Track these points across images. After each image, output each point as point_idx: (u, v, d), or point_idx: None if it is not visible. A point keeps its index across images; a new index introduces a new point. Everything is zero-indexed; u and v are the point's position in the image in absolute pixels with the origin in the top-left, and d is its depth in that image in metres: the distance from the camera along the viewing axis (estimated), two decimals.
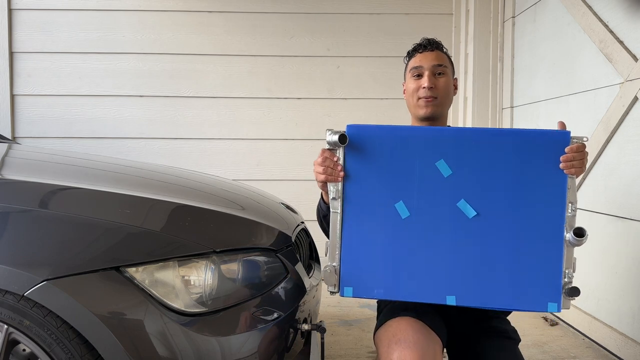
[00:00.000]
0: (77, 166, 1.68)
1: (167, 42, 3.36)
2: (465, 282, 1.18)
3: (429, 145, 1.20)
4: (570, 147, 1.16)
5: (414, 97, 1.46)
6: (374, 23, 3.44)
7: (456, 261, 1.18)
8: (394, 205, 1.20)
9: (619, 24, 2.14)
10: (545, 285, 1.16)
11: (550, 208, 1.17)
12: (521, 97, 3.04)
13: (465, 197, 1.19)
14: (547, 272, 1.16)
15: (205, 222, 1.29)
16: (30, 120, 3.33)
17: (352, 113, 3.44)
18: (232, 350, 1.13)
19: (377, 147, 1.20)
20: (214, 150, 3.42)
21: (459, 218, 1.19)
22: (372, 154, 1.21)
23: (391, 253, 1.20)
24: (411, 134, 1.22)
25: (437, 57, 1.46)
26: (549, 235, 1.17)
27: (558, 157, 1.16)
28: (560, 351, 2.20)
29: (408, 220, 1.20)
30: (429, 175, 1.20)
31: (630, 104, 2.04)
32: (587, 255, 2.35)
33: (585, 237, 1.13)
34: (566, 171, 1.16)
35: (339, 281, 1.20)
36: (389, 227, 1.20)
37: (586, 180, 2.35)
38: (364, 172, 1.21)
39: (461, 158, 1.19)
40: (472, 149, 1.19)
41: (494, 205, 1.18)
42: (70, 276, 1.07)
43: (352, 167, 1.21)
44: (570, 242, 1.15)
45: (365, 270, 1.20)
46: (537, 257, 1.17)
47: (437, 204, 1.19)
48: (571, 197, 1.17)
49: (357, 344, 2.28)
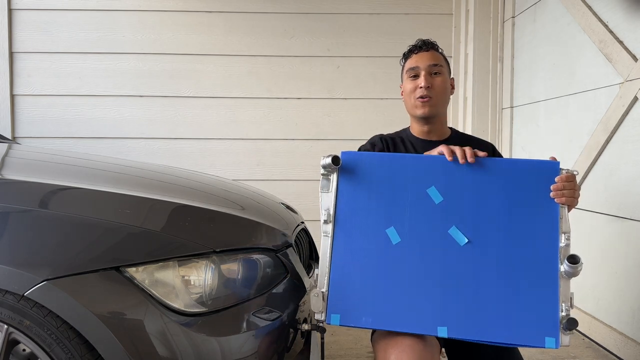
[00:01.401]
0: (77, 166, 1.68)
1: (167, 42, 3.36)
2: (457, 313, 1.14)
3: (420, 173, 1.21)
4: (560, 177, 1.18)
5: (411, 98, 1.48)
6: (374, 23, 3.44)
7: (447, 290, 1.15)
8: (385, 231, 1.19)
9: (619, 24, 2.14)
10: (542, 319, 1.12)
11: (544, 238, 1.16)
12: (521, 97, 3.05)
13: (457, 225, 1.18)
14: (542, 305, 1.13)
15: (205, 222, 1.29)
16: (30, 120, 3.33)
17: (352, 113, 3.44)
18: (232, 350, 1.13)
19: (370, 173, 1.22)
20: (214, 150, 3.42)
21: (451, 245, 1.17)
22: (365, 180, 1.23)
23: (381, 280, 1.17)
24: (403, 162, 1.23)
25: (432, 57, 1.48)
26: (543, 265, 1.15)
27: (548, 187, 1.18)
28: (560, 351, 2.20)
29: (399, 246, 1.18)
30: (420, 201, 1.20)
31: (630, 104, 2.04)
32: (586, 255, 2.35)
33: (580, 264, 1.11)
34: (557, 200, 1.17)
35: (326, 308, 1.17)
36: (379, 253, 1.18)
37: (586, 180, 2.35)
38: (356, 197, 1.22)
39: (452, 186, 1.20)
40: (463, 177, 1.20)
41: (486, 233, 1.17)
42: (70, 276, 1.07)
43: (345, 192, 1.22)
44: (566, 272, 1.13)
45: (354, 298, 1.16)
46: (532, 289, 1.14)
47: (429, 230, 1.18)
48: (564, 227, 1.16)
49: (357, 344, 2.28)
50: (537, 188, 1.18)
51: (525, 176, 1.19)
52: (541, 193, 1.18)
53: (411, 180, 1.22)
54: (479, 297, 1.14)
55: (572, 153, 2.44)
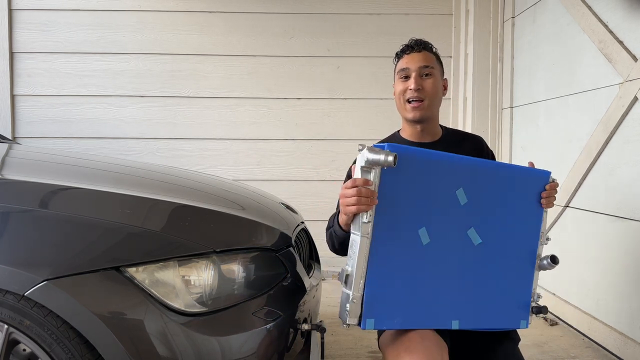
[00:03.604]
0: (77, 166, 1.68)
1: (167, 42, 3.36)
2: (467, 307, 1.23)
3: (451, 173, 1.19)
4: (550, 185, 1.29)
5: (401, 100, 1.47)
6: (374, 23, 3.44)
7: (461, 287, 1.22)
8: (417, 232, 1.16)
9: (619, 24, 2.14)
10: (522, 305, 1.30)
11: (529, 238, 1.31)
12: (521, 97, 3.05)
13: (475, 226, 1.23)
14: (523, 294, 1.30)
15: (205, 222, 1.29)
16: (30, 120, 3.33)
17: (352, 113, 3.44)
18: (232, 350, 1.13)
19: (408, 169, 1.13)
20: (214, 150, 3.42)
21: (466, 245, 1.23)
22: (404, 179, 1.13)
23: (410, 281, 1.16)
24: (439, 158, 1.18)
25: (424, 58, 1.45)
26: (527, 262, 1.30)
27: (538, 193, 1.30)
28: (560, 351, 2.20)
29: (428, 246, 1.17)
30: (449, 202, 1.19)
31: (630, 104, 2.04)
32: (586, 255, 2.35)
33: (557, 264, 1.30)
34: (546, 206, 1.30)
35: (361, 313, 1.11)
36: (411, 255, 1.15)
37: (586, 180, 2.35)
38: (394, 197, 1.12)
39: (475, 189, 1.23)
40: (484, 181, 1.24)
41: (492, 233, 1.25)
42: (71, 276, 1.07)
43: (385, 192, 1.11)
44: (542, 267, 1.31)
45: (388, 301, 1.14)
46: (518, 281, 1.30)
47: (451, 230, 1.21)
48: (543, 228, 1.32)
49: (357, 344, 2.28)
50: (529, 193, 1.29)
51: (521, 181, 1.29)
52: (531, 198, 1.29)
53: (443, 180, 1.18)
54: (482, 291, 1.25)
55: (572, 153, 2.44)
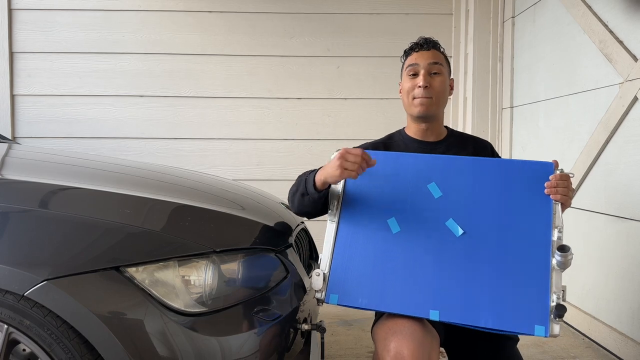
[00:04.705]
0: (77, 166, 1.68)
1: (167, 42, 3.36)
2: (449, 298, 1.20)
3: (421, 170, 1.32)
4: (555, 175, 1.25)
5: (409, 97, 1.46)
6: (374, 23, 3.44)
7: (441, 277, 1.22)
8: (386, 221, 1.29)
9: (619, 24, 2.14)
10: (533, 307, 1.15)
11: (537, 232, 1.22)
12: (521, 97, 3.05)
13: (454, 218, 1.26)
14: (533, 294, 1.16)
15: (205, 222, 1.29)
16: (30, 120, 3.33)
17: (352, 113, 3.44)
18: (232, 350, 1.13)
19: (376, 169, 1.31)
20: (214, 150, 3.42)
21: (447, 236, 1.25)
22: (372, 175, 1.33)
23: (379, 265, 1.26)
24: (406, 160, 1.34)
25: (433, 56, 1.46)
26: (535, 257, 1.20)
27: (543, 185, 1.25)
28: (560, 351, 2.20)
29: (398, 235, 1.27)
30: (421, 196, 1.30)
31: (630, 104, 2.04)
32: (586, 255, 2.35)
33: (570, 254, 1.16)
34: (552, 196, 1.24)
35: (326, 288, 1.26)
36: (379, 241, 1.28)
37: (586, 180, 2.35)
38: (362, 190, 1.33)
39: (451, 183, 1.30)
40: (462, 176, 1.30)
41: (481, 227, 1.25)
42: (71, 276, 1.07)
43: (352, 185, 1.34)
44: (557, 262, 1.17)
45: (352, 280, 1.26)
46: (524, 279, 1.18)
47: (427, 221, 1.28)
48: (557, 222, 1.23)
49: (357, 343, 2.28)
50: (532, 185, 1.27)
51: (521, 174, 1.28)
52: (536, 190, 1.26)
53: (413, 177, 1.32)
54: (472, 285, 1.20)
55: (572, 153, 2.44)
